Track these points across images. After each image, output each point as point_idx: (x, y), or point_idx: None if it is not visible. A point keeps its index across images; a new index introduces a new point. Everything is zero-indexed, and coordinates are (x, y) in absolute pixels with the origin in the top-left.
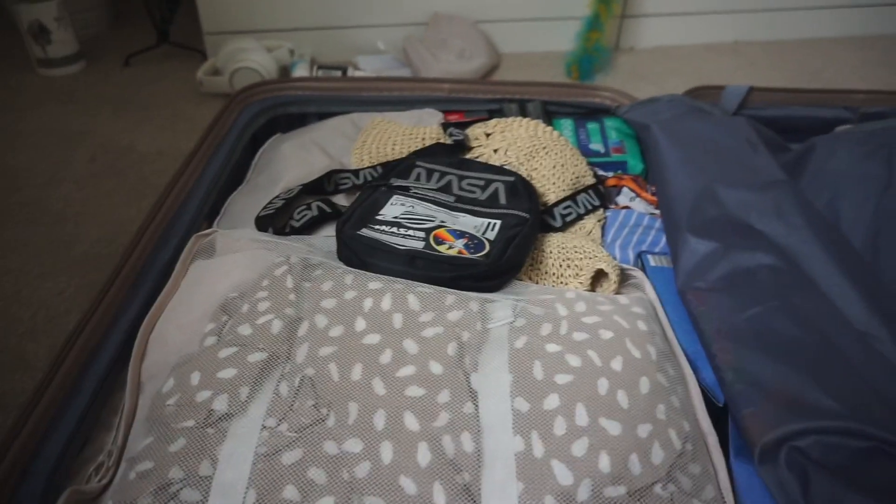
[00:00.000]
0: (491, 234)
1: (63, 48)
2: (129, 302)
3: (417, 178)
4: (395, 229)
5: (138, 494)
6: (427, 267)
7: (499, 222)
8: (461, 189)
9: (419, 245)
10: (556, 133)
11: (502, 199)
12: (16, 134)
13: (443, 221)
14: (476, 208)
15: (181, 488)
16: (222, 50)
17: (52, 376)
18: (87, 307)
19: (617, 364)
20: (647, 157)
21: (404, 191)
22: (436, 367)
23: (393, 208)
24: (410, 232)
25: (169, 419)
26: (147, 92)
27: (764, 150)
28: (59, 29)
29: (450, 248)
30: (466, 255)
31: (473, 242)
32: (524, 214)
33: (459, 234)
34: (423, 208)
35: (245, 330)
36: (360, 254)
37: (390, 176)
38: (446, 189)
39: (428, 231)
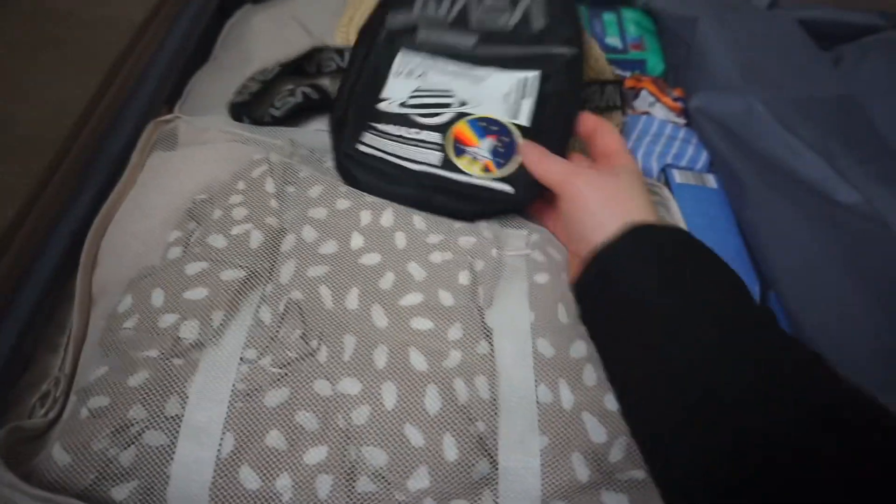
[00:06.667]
0: (524, 116)
1: None
2: (74, 199)
3: (424, 6)
4: (402, 130)
5: (92, 437)
6: (446, 202)
7: (536, 77)
8: (482, 15)
9: (435, 159)
10: None
11: (537, 23)
12: None
13: (463, 103)
14: (505, 55)
15: (144, 429)
16: None
17: None
18: (23, 201)
19: None
20: (671, 55)
21: (410, 41)
22: (446, 298)
23: (397, 83)
24: (423, 135)
25: (127, 346)
26: None
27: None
28: None
29: (473, 160)
30: (494, 171)
31: (502, 143)
32: (568, 50)
33: (483, 132)
34: (436, 74)
35: (218, 241)
36: (359, 175)
37: (388, 8)
38: (462, 21)
39: (444, 130)
